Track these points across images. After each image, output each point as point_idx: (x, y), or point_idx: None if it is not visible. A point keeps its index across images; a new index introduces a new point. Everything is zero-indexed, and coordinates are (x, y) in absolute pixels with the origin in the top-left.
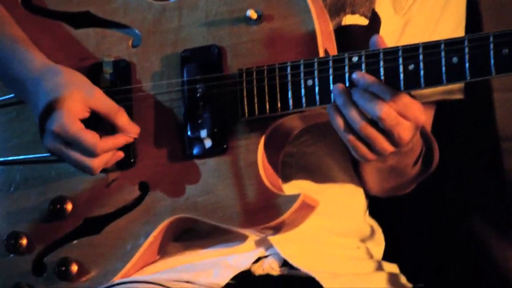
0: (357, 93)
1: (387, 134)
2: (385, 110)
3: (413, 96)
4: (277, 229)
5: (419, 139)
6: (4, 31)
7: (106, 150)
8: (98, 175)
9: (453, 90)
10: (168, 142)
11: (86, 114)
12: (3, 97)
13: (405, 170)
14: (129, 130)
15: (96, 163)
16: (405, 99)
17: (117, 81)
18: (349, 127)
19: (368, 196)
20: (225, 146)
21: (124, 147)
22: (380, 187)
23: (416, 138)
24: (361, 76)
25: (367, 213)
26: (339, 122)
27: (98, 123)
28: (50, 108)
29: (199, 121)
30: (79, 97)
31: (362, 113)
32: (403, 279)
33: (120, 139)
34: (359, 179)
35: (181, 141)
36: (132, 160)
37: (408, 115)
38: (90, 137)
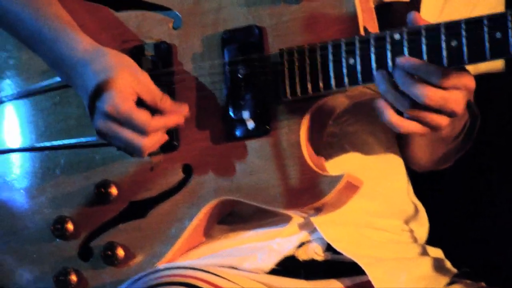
0: (399, 78)
1: (438, 111)
2: (428, 95)
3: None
4: (320, 210)
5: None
6: (50, 12)
7: (157, 129)
8: (141, 159)
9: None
10: (211, 124)
11: (135, 97)
12: (46, 82)
13: (454, 138)
14: (177, 110)
15: (147, 142)
16: (452, 73)
17: (159, 63)
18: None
19: (411, 176)
20: (267, 127)
21: (167, 130)
22: (429, 159)
23: None
24: (406, 60)
25: (411, 191)
26: (389, 113)
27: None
28: (101, 89)
29: (241, 103)
30: (128, 80)
31: (407, 97)
32: (448, 264)
33: (171, 119)
34: (403, 155)
35: (224, 123)
36: (175, 143)
37: (458, 86)
38: (142, 115)
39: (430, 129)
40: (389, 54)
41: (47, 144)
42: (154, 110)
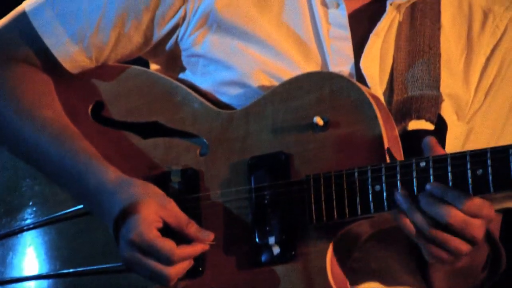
0: (423, 199)
1: (459, 235)
2: (452, 214)
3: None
4: None
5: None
6: (77, 146)
7: (184, 258)
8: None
9: None
10: (236, 249)
11: (160, 224)
12: (72, 209)
13: (475, 273)
14: (202, 238)
15: (173, 271)
16: (474, 201)
17: (186, 189)
18: (420, 231)
19: None
20: (293, 252)
21: None
22: None
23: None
24: (436, 185)
25: None
26: (409, 227)
27: (169, 234)
28: (125, 217)
29: (267, 228)
30: (153, 206)
31: (429, 218)
32: None
33: (197, 247)
34: (427, 285)
35: (249, 248)
36: (200, 269)
37: (480, 215)
38: (167, 244)
39: (449, 255)
40: (415, 182)
41: (71, 270)
42: (180, 238)
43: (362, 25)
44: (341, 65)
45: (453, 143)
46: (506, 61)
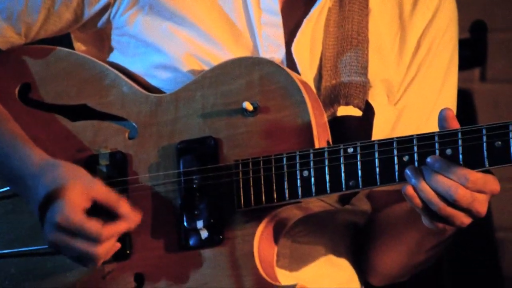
0: (428, 175)
1: (465, 210)
2: (460, 192)
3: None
4: None
5: None
6: (3, 128)
7: (110, 236)
8: (94, 268)
9: None
10: (164, 233)
11: (88, 204)
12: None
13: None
14: (131, 217)
15: (101, 250)
16: (481, 176)
17: (113, 172)
18: (427, 207)
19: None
20: (221, 236)
21: (120, 238)
22: (402, 263)
23: None
24: (436, 159)
25: None
26: (417, 202)
27: (99, 213)
28: (50, 200)
29: (196, 212)
30: (79, 188)
31: (437, 194)
32: None
33: (123, 225)
34: (366, 265)
35: (177, 232)
36: (127, 252)
37: (485, 190)
38: (93, 224)
39: (451, 225)
40: (342, 168)
41: None
42: (110, 217)
43: (294, 11)
44: (272, 51)
45: (383, 128)
46: (436, 41)
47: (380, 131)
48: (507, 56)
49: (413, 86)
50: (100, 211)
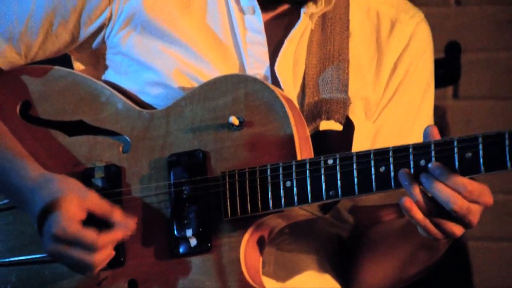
0: (427, 182)
1: (459, 221)
2: (458, 203)
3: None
4: None
5: None
6: (2, 143)
7: (106, 245)
8: (89, 275)
9: None
10: (156, 241)
11: (83, 215)
12: (0, 202)
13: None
14: (126, 224)
15: (97, 258)
16: (477, 187)
17: (108, 185)
18: (423, 214)
19: None
20: (209, 244)
21: (114, 246)
22: (392, 276)
23: None
24: (437, 166)
25: None
26: (414, 214)
27: (95, 223)
28: (47, 212)
29: (185, 221)
30: (75, 200)
31: (434, 201)
32: None
33: (118, 233)
34: (352, 278)
35: (168, 240)
36: (122, 259)
37: (479, 201)
38: (89, 234)
39: (444, 235)
40: (323, 178)
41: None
42: (101, 226)
43: (278, 32)
44: (257, 68)
45: (362, 142)
46: (413, 64)
47: (359, 145)
48: (479, 75)
49: (391, 105)
50: (96, 222)
